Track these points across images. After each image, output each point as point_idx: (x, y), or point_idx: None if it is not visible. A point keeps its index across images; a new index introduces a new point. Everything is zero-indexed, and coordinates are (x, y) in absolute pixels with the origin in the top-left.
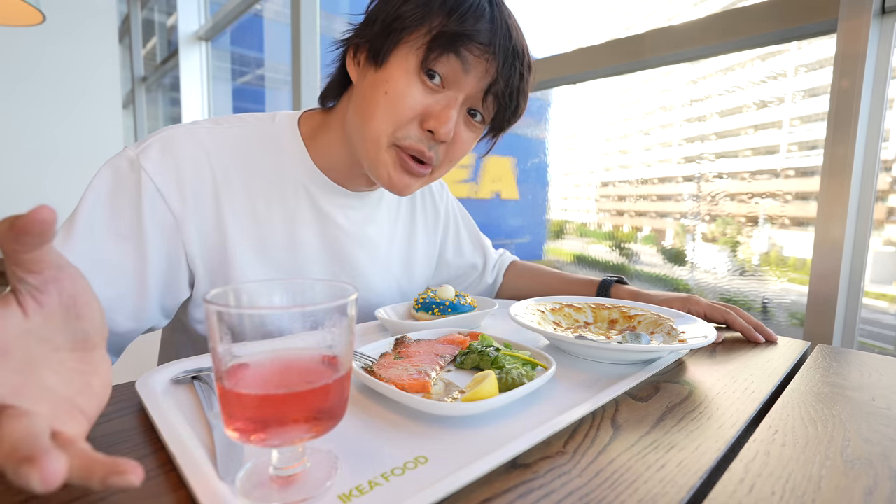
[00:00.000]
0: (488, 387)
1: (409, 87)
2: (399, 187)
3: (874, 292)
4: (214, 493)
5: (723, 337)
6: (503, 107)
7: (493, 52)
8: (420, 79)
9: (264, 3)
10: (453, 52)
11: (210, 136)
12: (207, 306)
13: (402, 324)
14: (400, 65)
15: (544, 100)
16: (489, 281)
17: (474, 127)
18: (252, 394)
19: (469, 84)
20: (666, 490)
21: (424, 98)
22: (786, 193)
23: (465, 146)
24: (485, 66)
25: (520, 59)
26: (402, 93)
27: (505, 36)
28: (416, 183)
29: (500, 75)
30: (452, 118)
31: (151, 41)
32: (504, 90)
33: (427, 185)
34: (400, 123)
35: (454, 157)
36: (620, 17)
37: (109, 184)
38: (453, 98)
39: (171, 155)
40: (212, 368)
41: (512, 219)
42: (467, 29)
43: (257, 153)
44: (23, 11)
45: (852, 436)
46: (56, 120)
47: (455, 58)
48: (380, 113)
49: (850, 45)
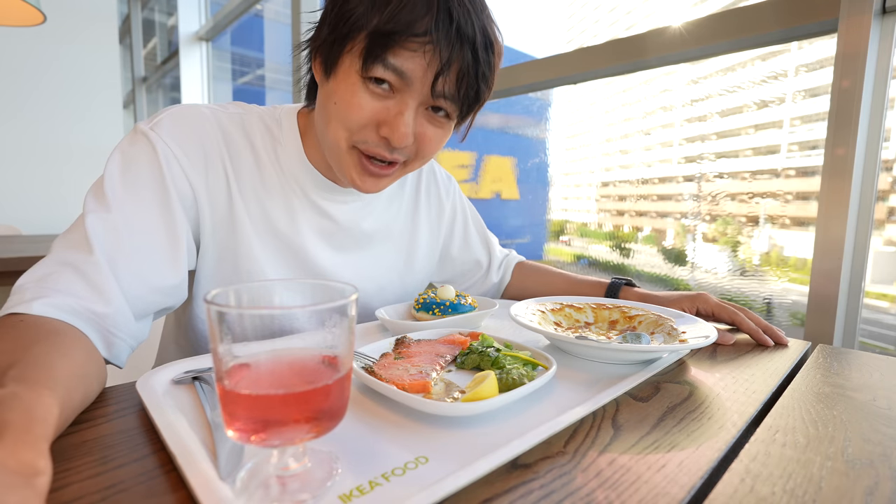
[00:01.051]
0: (489, 387)
1: (354, 96)
2: (364, 188)
3: (875, 292)
4: (215, 493)
5: (734, 339)
6: (462, 94)
7: (435, 42)
8: (366, 87)
9: (264, 3)
10: (390, 53)
11: (214, 113)
12: (208, 306)
13: (402, 324)
14: (345, 75)
15: (544, 100)
16: (494, 280)
17: (439, 122)
18: (252, 394)
19: (417, 83)
20: (666, 490)
21: (374, 105)
22: (786, 193)
23: (433, 143)
24: (428, 57)
25: (469, 40)
26: (349, 102)
27: (445, 20)
28: (385, 181)
29: (444, 66)
30: (406, 124)
31: (152, 41)
32: (456, 78)
33: (433, 179)
34: (353, 131)
35: (425, 154)
36: (621, 17)
37: (128, 154)
38: (404, 103)
39: (182, 125)
40: (212, 368)
41: (512, 219)
42: (400, 24)
43: (260, 143)
44: (23, 11)
45: (853, 436)
46: (56, 120)
47: (394, 60)
48: (333, 122)
49: (851, 44)
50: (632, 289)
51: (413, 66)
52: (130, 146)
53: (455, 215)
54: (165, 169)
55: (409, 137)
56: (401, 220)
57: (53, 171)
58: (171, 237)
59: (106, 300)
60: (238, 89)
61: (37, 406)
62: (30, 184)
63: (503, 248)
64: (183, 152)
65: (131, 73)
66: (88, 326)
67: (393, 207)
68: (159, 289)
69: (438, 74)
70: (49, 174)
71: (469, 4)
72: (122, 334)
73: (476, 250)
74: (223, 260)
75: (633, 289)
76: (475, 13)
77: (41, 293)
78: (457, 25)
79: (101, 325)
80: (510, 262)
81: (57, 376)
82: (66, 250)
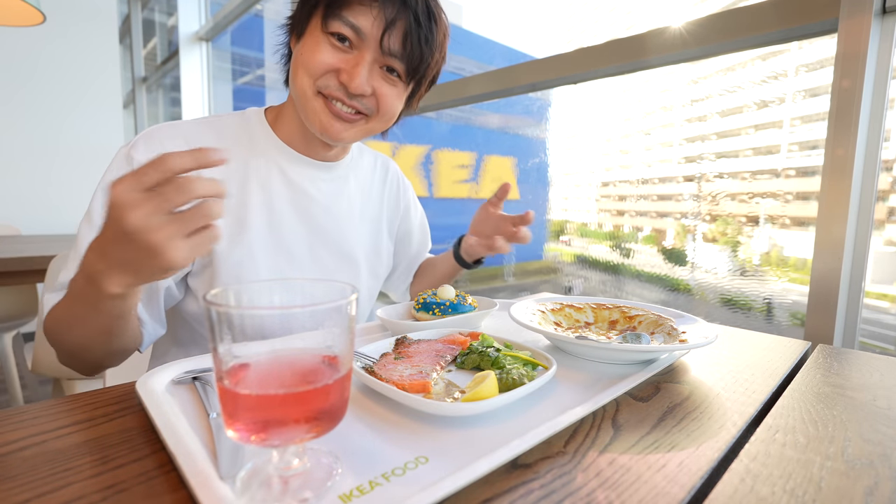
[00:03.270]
0: (489, 387)
1: (317, 45)
2: (331, 132)
3: (875, 292)
4: (215, 493)
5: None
6: (408, 53)
7: (380, 5)
8: (328, 40)
9: (264, 3)
10: (345, 10)
11: (187, 126)
12: (208, 306)
13: (402, 324)
14: (311, 34)
15: (544, 100)
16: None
17: (393, 81)
18: (252, 394)
19: (371, 40)
20: (667, 490)
21: (334, 55)
22: (786, 193)
23: (388, 100)
24: (373, 17)
25: (411, 7)
26: (312, 51)
27: None
28: (350, 129)
29: (389, 23)
30: (361, 74)
31: (152, 41)
32: (402, 38)
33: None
34: (316, 75)
35: (384, 110)
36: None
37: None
38: (361, 56)
39: (155, 142)
40: (212, 369)
41: None
42: None
43: (232, 140)
44: (23, 11)
45: (853, 436)
46: (56, 120)
47: (349, 16)
48: (300, 71)
49: (851, 44)
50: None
51: (366, 21)
52: (111, 171)
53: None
54: None
55: (364, 87)
56: (371, 206)
57: (53, 171)
58: None
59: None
60: (238, 89)
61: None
62: (30, 184)
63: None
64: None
65: (131, 73)
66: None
67: (363, 192)
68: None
69: (385, 31)
70: (49, 174)
71: None
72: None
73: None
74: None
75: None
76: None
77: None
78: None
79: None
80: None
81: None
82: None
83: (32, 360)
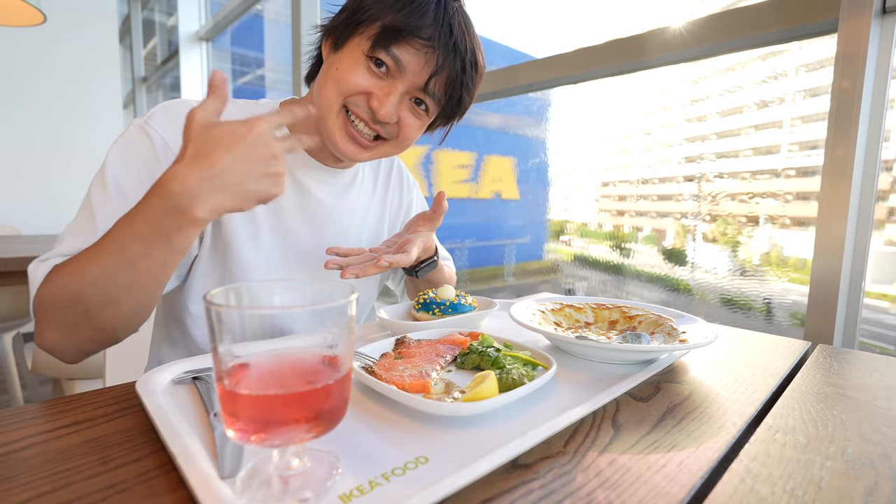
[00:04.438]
0: (489, 387)
1: (356, 66)
2: (346, 153)
3: (875, 292)
4: (215, 493)
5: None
6: (446, 97)
7: (433, 47)
8: (366, 64)
9: (264, 3)
10: (395, 45)
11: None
12: (208, 306)
13: (402, 324)
14: (352, 50)
15: (544, 100)
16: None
17: (419, 114)
18: (252, 394)
19: (410, 75)
20: (667, 490)
21: (369, 79)
22: (786, 193)
23: (411, 130)
24: (425, 59)
25: (461, 55)
26: (349, 69)
27: (446, 33)
28: (365, 153)
29: (439, 68)
30: (392, 103)
31: (152, 41)
32: (445, 82)
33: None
34: (347, 94)
35: (403, 138)
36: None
37: (125, 145)
38: (394, 86)
39: (173, 116)
40: (212, 369)
41: (512, 219)
42: (410, 25)
43: None
44: (23, 11)
45: (853, 436)
46: (56, 120)
47: (397, 51)
48: (331, 83)
49: (851, 44)
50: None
51: (411, 59)
52: (127, 139)
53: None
54: (161, 156)
55: (393, 116)
56: (374, 209)
57: (53, 171)
58: None
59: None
60: (238, 89)
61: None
62: (30, 184)
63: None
64: (174, 139)
65: (131, 73)
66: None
67: (368, 194)
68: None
69: (433, 75)
70: (49, 174)
71: (465, 27)
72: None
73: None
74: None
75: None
76: (469, 35)
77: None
78: (455, 40)
79: None
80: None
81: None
82: (73, 235)
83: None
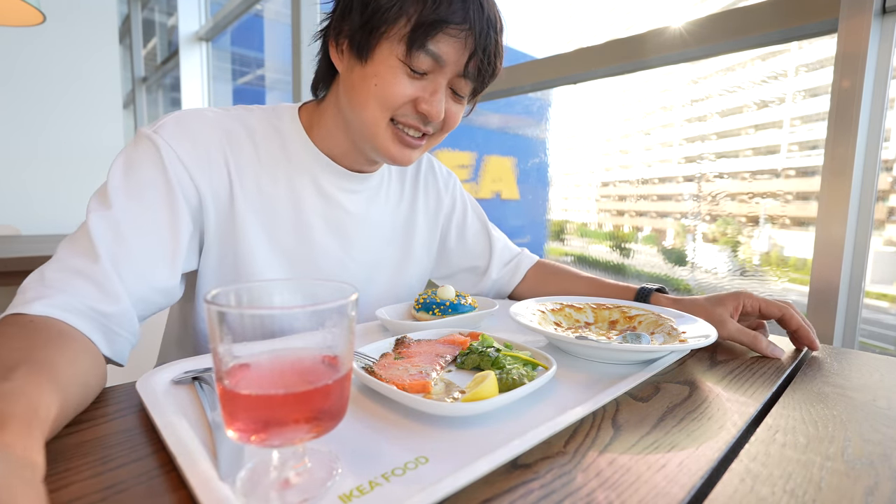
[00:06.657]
0: (489, 387)
1: (396, 78)
2: (401, 160)
3: (875, 292)
4: (215, 493)
5: (784, 354)
6: (483, 73)
7: (470, 28)
8: (405, 70)
9: (264, 3)
10: (430, 39)
11: (217, 116)
12: (208, 306)
13: (402, 324)
14: (385, 60)
15: (544, 100)
16: (494, 277)
17: (459, 99)
18: (252, 394)
19: (450, 65)
20: (667, 490)
21: (412, 86)
22: (786, 193)
23: (455, 118)
24: (463, 43)
25: (493, 26)
26: (390, 83)
27: (477, 9)
28: (417, 152)
29: (477, 47)
30: (440, 100)
31: (152, 41)
32: (483, 59)
33: (432, 174)
34: (394, 108)
35: (449, 126)
36: (620, 17)
37: (132, 157)
38: (437, 82)
39: (185, 127)
40: (212, 368)
41: (512, 219)
42: (441, 14)
43: (262, 137)
44: (23, 11)
45: (853, 436)
46: (56, 120)
47: (433, 46)
48: (373, 102)
49: (851, 44)
50: (662, 295)
51: (449, 49)
52: (134, 150)
53: (453, 210)
54: (170, 170)
55: (443, 113)
56: (402, 214)
57: (53, 171)
58: (172, 238)
59: (113, 300)
60: (238, 89)
61: (39, 404)
62: (30, 184)
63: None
64: (186, 153)
65: (131, 73)
66: (92, 326)
67: (395, 198)
68: (160, 289)
69: (472, 56)
70: (49, 174)
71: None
72: (127, 333)
73: (474, 246)
74: (224, 257)
75: (663, 295)
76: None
77: (45, 294)
78: (487, 13)
79: (107, 325)
80: (522, 262)
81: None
82: (71, 254)
83: None
